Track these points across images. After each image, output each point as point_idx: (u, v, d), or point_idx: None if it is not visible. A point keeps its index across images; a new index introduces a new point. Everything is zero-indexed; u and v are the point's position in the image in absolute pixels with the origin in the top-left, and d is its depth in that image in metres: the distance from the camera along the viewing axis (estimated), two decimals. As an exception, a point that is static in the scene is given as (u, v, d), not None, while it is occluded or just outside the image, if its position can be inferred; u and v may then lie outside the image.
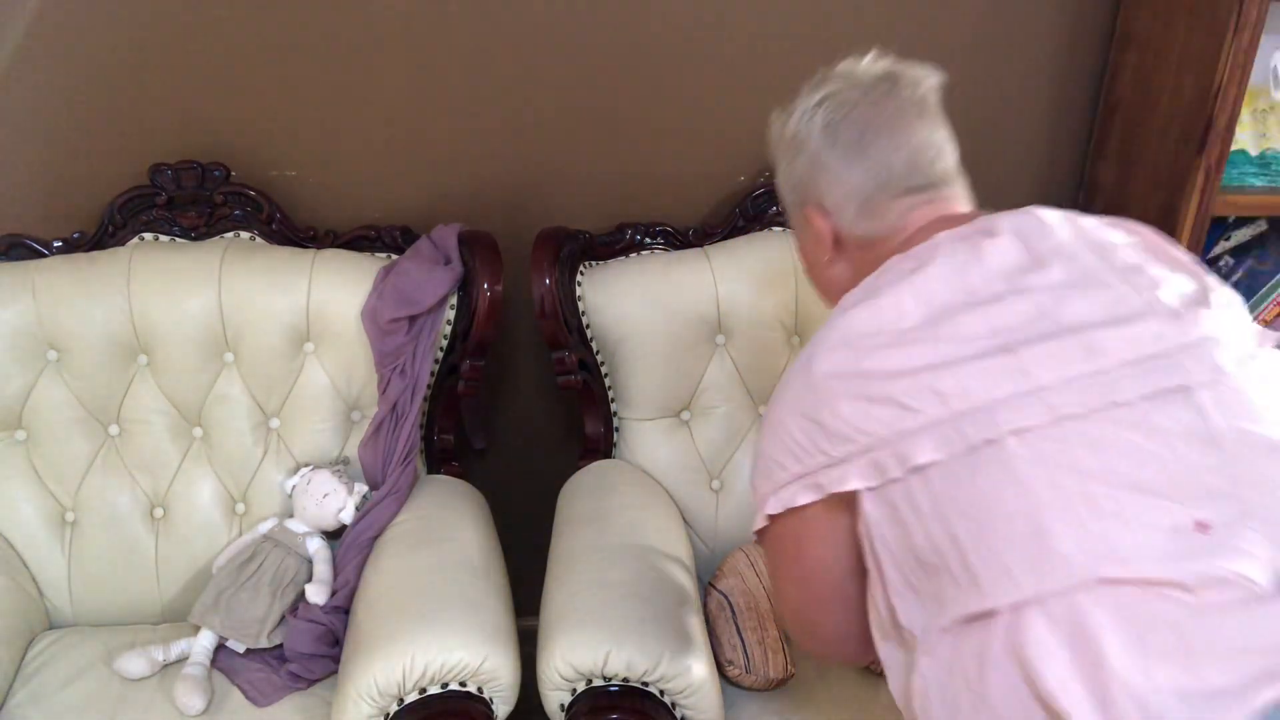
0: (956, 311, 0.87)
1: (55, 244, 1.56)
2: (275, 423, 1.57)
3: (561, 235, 1.58)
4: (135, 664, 1.39)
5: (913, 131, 1.00)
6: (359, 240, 1.62)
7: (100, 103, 1.57)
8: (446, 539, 1.41)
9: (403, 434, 1.53)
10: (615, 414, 1.67)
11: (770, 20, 1.66)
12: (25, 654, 1.44)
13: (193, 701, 1.33)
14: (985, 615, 0.79)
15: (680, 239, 1.69)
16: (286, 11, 1.56)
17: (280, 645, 1.42)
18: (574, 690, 1.23)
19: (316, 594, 1.42)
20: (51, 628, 1.52)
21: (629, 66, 1.66)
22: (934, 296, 0.88)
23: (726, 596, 1.44)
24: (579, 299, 1.59)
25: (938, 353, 0.85)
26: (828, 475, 0.89)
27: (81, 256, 1.53)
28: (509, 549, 1.52)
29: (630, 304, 1.58)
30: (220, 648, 1.44)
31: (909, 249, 0.95)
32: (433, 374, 1.58)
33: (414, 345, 1.53)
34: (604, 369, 1.64)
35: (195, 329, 1.50)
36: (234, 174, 1.61)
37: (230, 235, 1.60)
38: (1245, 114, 1.65)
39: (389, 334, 1.50)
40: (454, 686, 1.21)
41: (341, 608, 1.42)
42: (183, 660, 1.42)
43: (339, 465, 1.56)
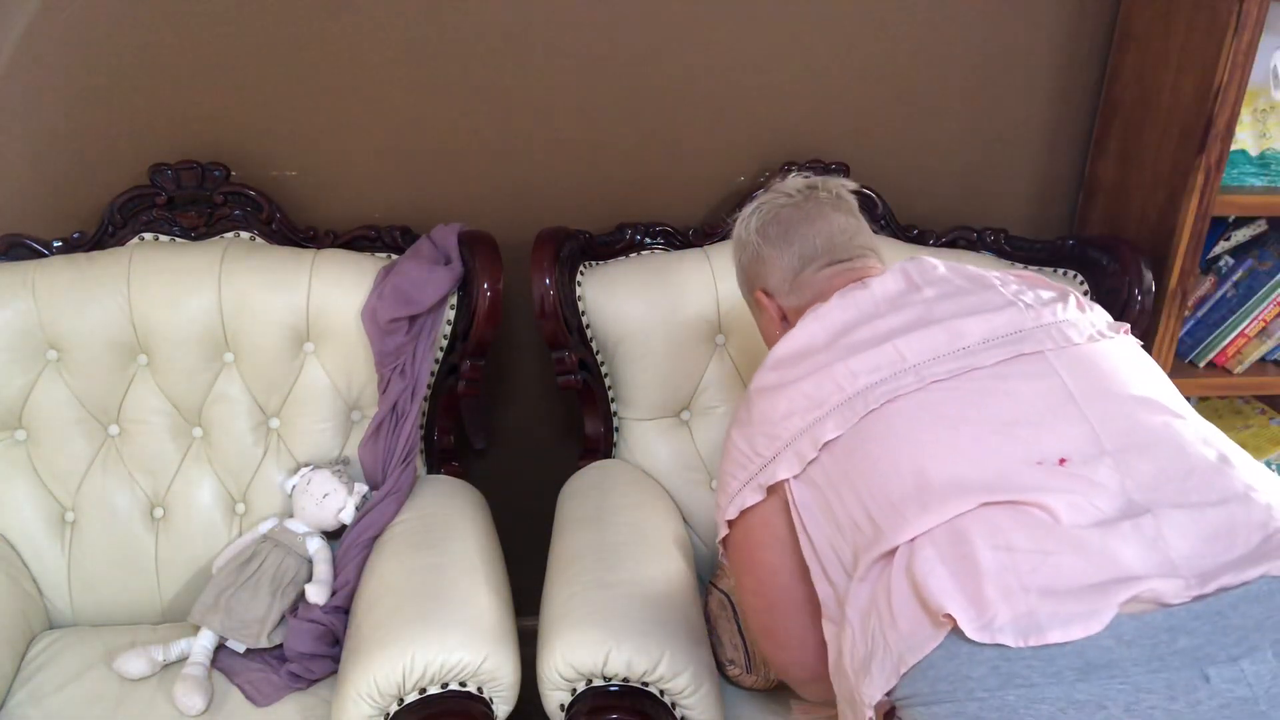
0: (851, 328, 1.07)
1: (55, 244, 1.56)
2: (275, 423, 1.57)
3: (561, 235, 1.58)
4: (135, 664, 1.39)
5: (828, 220, 1.22)
6: (359, 240, 1.62)
7: (100, 103, 1.57)
8: (446, 539, 1.41)
9: (403, 434, 1.53)
10: (615, 414, 1.67)
11: (770, 22, 1.66)
12: (25, 654, 1.44)
13: (193, 701, 1.33)
14: (888, 555, 0.91)
15: (680, 239, 1.69)
16: (286, 12, 1.56)
17: (280, 645, 1.42)
18: (574, 690, 1.23)
19: (316, 594, 1.43)
20: (51, 628, 1.52)
21: (629, 67, 1.66)
22: (834, 322, 1.09)
23: (728, 596, 1.44)
24: (579, 299, 1.59)
25: (835, 355, 1.05)
26: (765, 474, 1.05)
27: (81, 256, 1.53)
28: (509, 549, 1.52)
29: (630, 304, 1.58)
30: (220, 648, 1.44)
31: (823, 302, 1.14)
32: (433, 374, 1.58)
33: (414, 345, 1.53)
34: (604, 369, 1.64)
35: (195, 329, 1.50)
36: (234, 174, 1.61)
37: (230, 235, 1.60)
38: (1245, 114, 1.65)
39: (389, 334, 1.50)
40: (454, 686, 1.21)
41: (341, 608, 1.42)
42: (183, 660, 1.42)
43: (339, 465, 1.56)
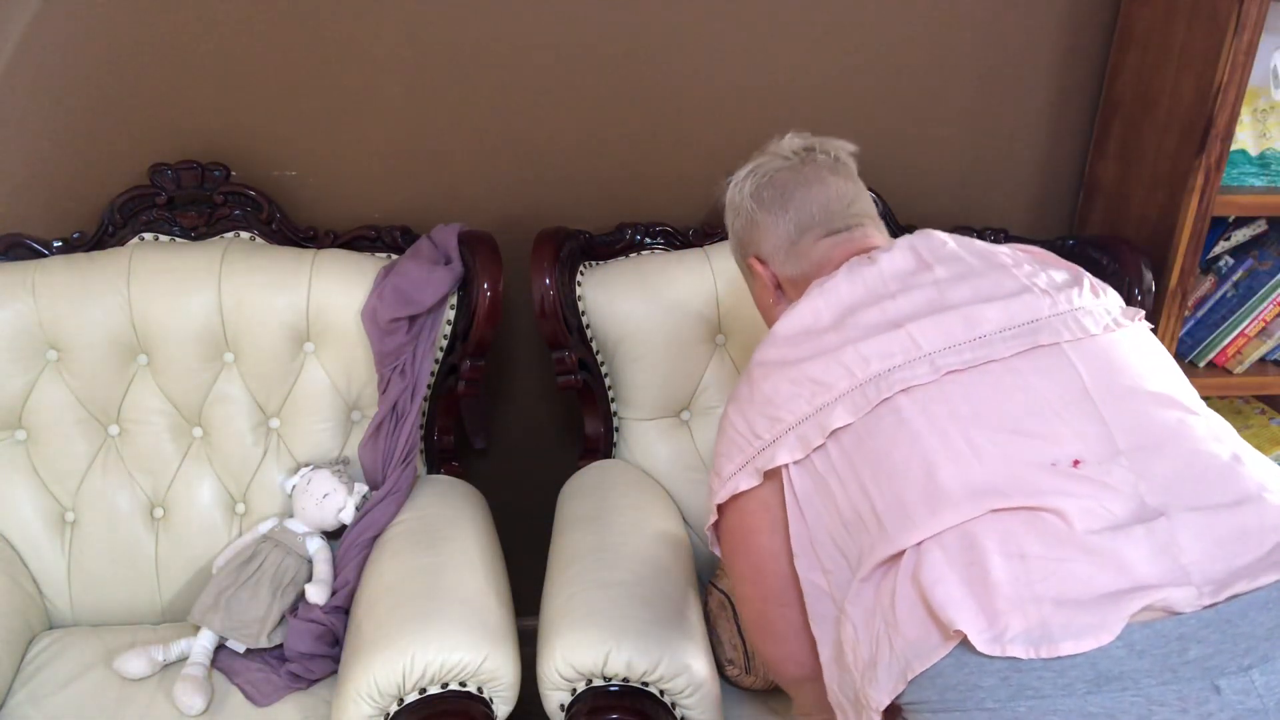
0: (859, 308, 1.03)
1: (55, 244, 1.56)
2: (275, 423, 1.57)
3: (561, 235, 1.58)
4: (135, 664, 1.39)
5: (826, 185, 1.17)
6: (359, 240, 1.62)
7: (100, 103, 1.57)
8: (446, 539, 1.41)
9: (403, 434, 1.53)
10: (615, 414, 1.67)
11: (770, 22, 1.66)
12: (25, 654, 1.44)
13: (193, 701, 1.33)
14: (895, 558, 0.89)
15: (680, 239, 1.69)
16: (287, 12, 1.56)
17: (280, 645, 1.42)
18: (574, 690, 1.23)
19: (316, 594, 1.43)
20: (51, 628, 1.52)
21: (629, 67, 1.66)
22: (840, 300, 1.04)
23: (728, 596, 1.44)
24: (579, 299, 1.59)
25: (844, 337, 1.00)
26: (763, 457, 1.01)
27: (81, 256, 1.53)
28: (509, 549, 1.52)
29: (630, 304, 1.58)
30: (220, 648, 1.44)
31: (826, 276, 1.10)
32: (433, 374, 1.58)
33: (414, 345, 1.53)
34: (604, 369, 1.64)
35: (195, 329, 1.50)
36: (234, 174, 1.61)
37: (230, 235, 1.60)
38: (1245, 114, 1.65)
39: (389, 334, 1.50)
40: (454, 686, 1.21)
41: (341, 608, 1.42)
42: (183, 660, 1.42)
43: (339, 465, 1.56)
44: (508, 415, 1.90)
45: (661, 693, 1.23)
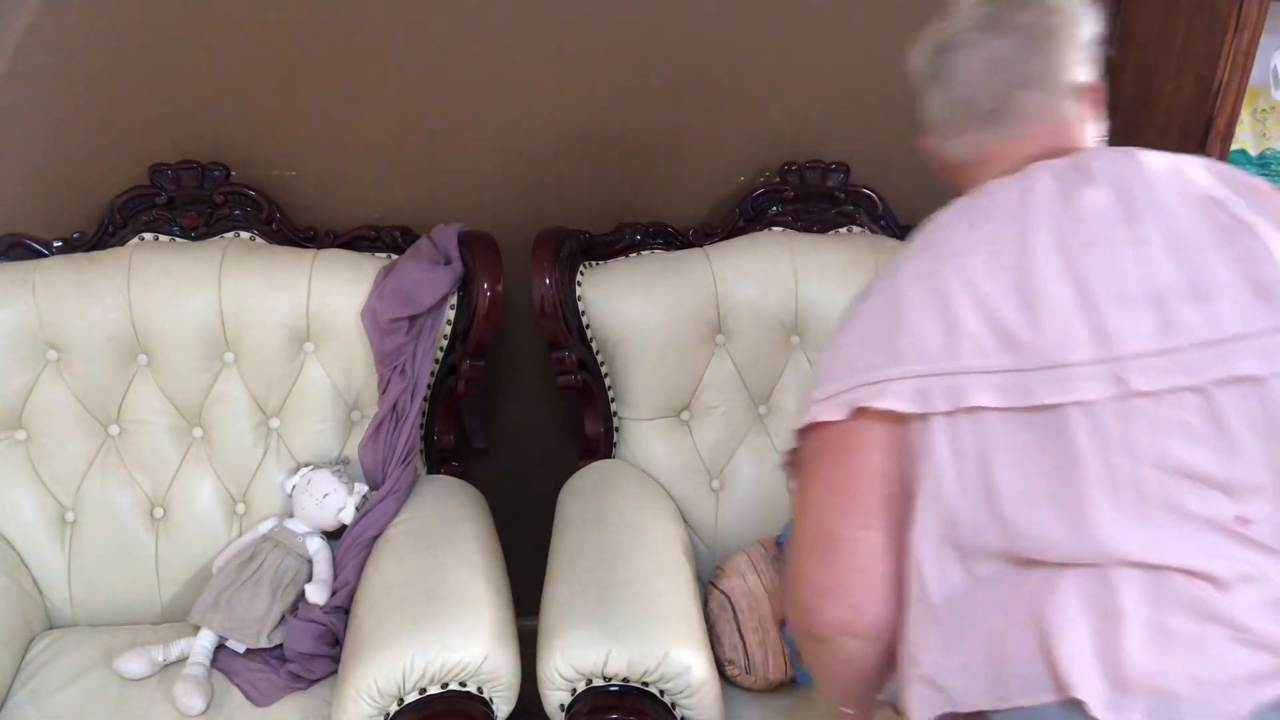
0: (1032, 254, 0.84)
1: (55, 244, 1.56)
2: (275, 423, 1.57)
3: (561, 235, 1.58)
4: (135, 664, 1.39)
5: (1012, 62, 0.96)
6: (359, 240, 1.62)
7: (100, 103, 1.57)
8: (446, 539, 1.41)
9: (403, 434, 1.53)
10: (615, 414, 1.67)
11: (770, 21, 1.66)
12: (25, 654, 1.44)
13: (193, 701, 1.33)
14: (1019, 564, 0.80)
15: (680, 239, 1.69)
16: (287, 12, 1.56)
17: (280, 645, 1.42)
18: (574, 690, 1.23)
19: (316, 594, 1.42)
20: (51, 627, 1.52)
21: (629, 67, 1.66)
22: (1009, 237, 0.86)
23: (728, 596, 1.44)
24: (579, 299, 1.59)
25: (1019, 295, 0.83)
26: (872, 391, 0.86)
27: (81, 256, 1.53)
28: (509, 549, 1.52)
29: (630, 304, 1.58)
30: (220, 648, 1.44)
31: (1007, 176, 0.93)
32: (433, 374, 1.58)
33: (414, 345, 1.53)
34: (604, 369, 1.64)
35: (195, 329, 1.50)
36: (234, 174, 1.61)
37: (230, 235, 1.60)
38: (1245, 114, 1.65)
39: (389, 334, 1.50)
40: (454, 686, 1.21)
41: (341, 608, 1.42)
42: (183, 660, 1.42)
43: (339, 465, 1.56)
44: (508, 415, 1.90)
45: (661, 693, 1.23)
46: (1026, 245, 0.85)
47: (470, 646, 1.20)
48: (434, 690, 1.20)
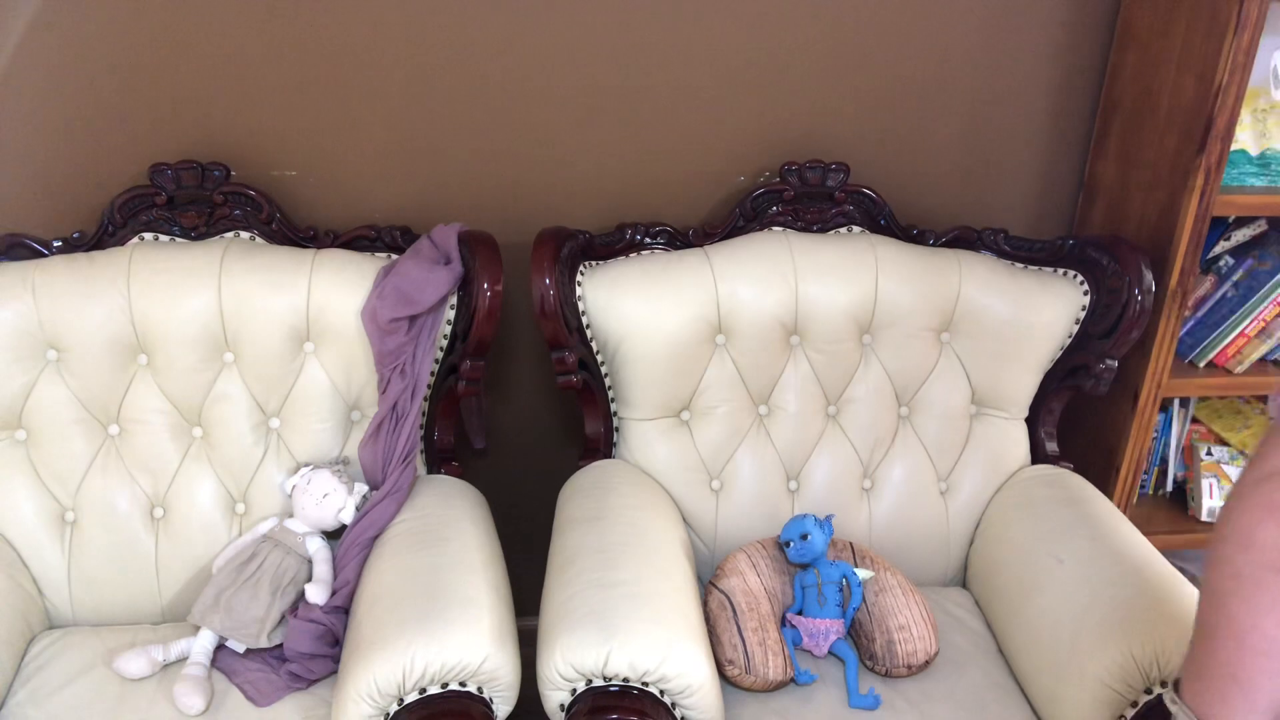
0: None
1: (55, 244, 1.56)
2: (275, 423, 1.57)
3: (561, 235, 1.58)
4: (135, 664, 1.39)
5: None
6: (359, 240, 1.62)
7: (100, 103, 1.57)
8: (446, 539, 1.41)
9: (403, 434, 1.53)
10: (615, 414, 1.67)
11: (771, 23, 1.66)
12: (25, 654, 1.44)
13: (193, 701, 1.33)
14: None
15: (680, 239, 1.69)
16: (287, 12, 1.56)
17: (280, 645, 1.42)
18: (574, 690, 1.23)
19: (316, 594, 1.43)
20: (51, 628, 1.52)
21: (629, 67, 1.66)
22: None
23: (728, 596, 1.44)
24: (579, 299, 1.59)
25: None
26: None
27: (81, 256, 1.53)
28: (509, 549, 1.52)
29: (630, 304, 1.58)
30: (220, 648, 1.44)
31: None
32: (433, 374, 1.58)
33: (414, 345, 1.53)
34: (604, 369, 1.64)
35: (195, 329, 1.50)
36: (234, 174, 1.61)
37: (230, 235, 1.60)
38: (1245, 114, 1.65)
39: (389, 334, 1.50)
40: (454, 686, 1.21)
41: (341, 608, 1.42)
42: (183, 660, 1.42)
43: (339, 465, 1.56)
44: (508, 415, 1.91)
45: (661, 693, 1.23)
46: None
47: (470, 646, 1.20)
48: (434, 690, 1.21)
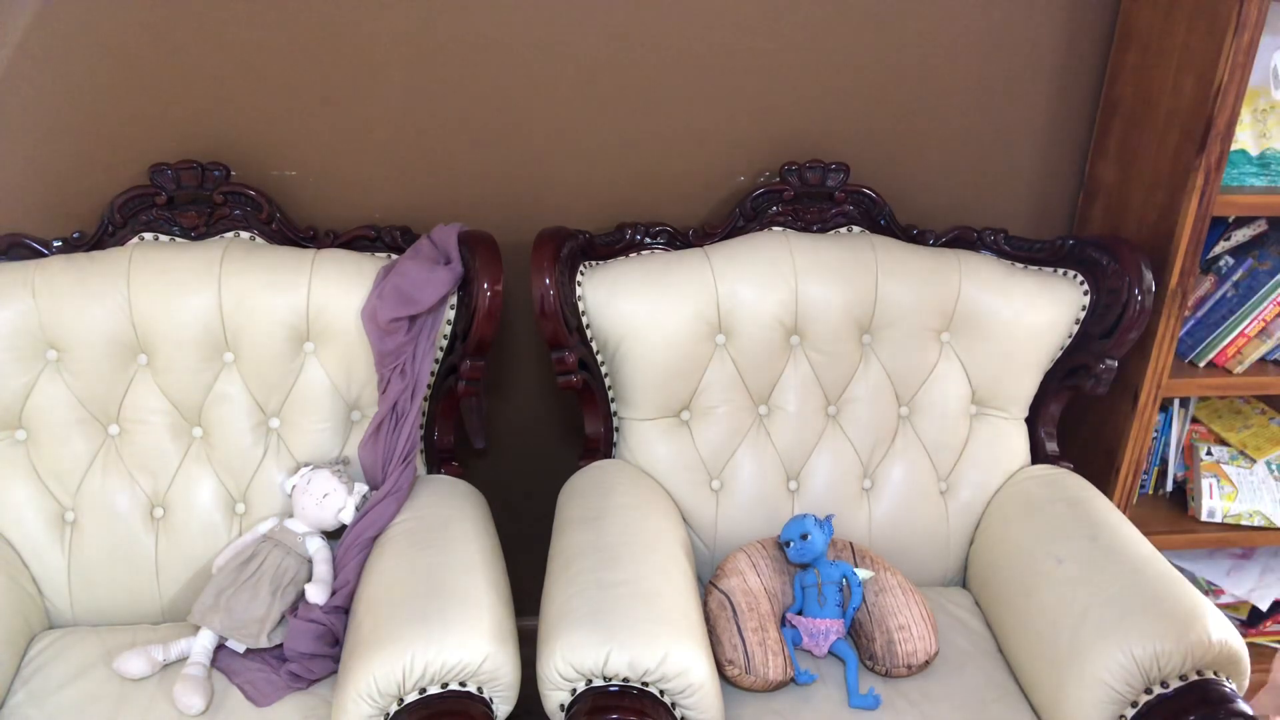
0: None
1: (55, 244, 1.56)
2: (275, 423, 1.57)
3: (561, 235, 1.58)
4: (135, 664, 1.39)
5: None
6: (359, 240, 1.62)
7: (100, 103, 1.57)
8: (446, 539, 1.41)
9: (403, 434, 1.53)
10: (615, 414, 1.67)
11: (771, 23, 1.66)
12: (25, 654, 1.44)
13: (193, 701, 1.33)
14: None
15: (680, 239, 1.69)
16: (287, 12, 1.56)
17: (280, 645, 1.42)
18: (574, 690, 1.23)
19: (316, 594, 1.43)
20: (51, 627, 1.52)
21: (629, 67, 1.66)
22: None
23: (728, 596, 1.44)
24: (579, 299, 1.59)
25: None
26: None
27: (81, 256, 1.53)
28: (509, 549, 1.52)
29: (630, 304, 1.58)
30: (220, 648, 1.44)
31: None
32: (433, 374, 1.58)
33: (414, 345, 1.53)
34: (604, 369, 1.64)
35: (195, 329, 1.50)
36: (234, 174, 1.61)
37: (230, 235, 1.60)
38: (1245, 114, 1.65)
39: (389, 334, 1.50)
40: (454, 686, 1.21)
41: (341, 608, 1.43)
42: (183, 660, 1.42)
43: (339, 465, 1.56)
44: (508, 415, 1.91)
45: (661, 693, 1.23)
46: None
47: (470, 646, 1.20)
48: (434, 690, 1.21)
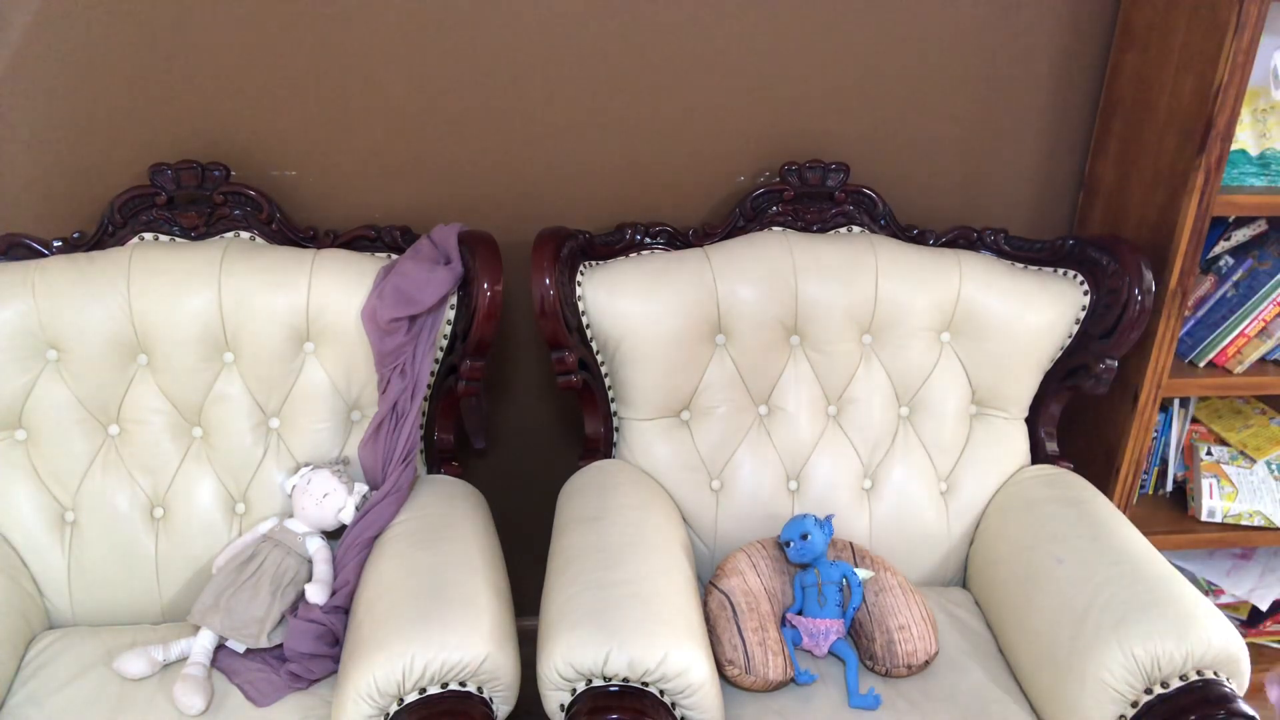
0: None
1: (55, 244, 1.56)
2: (275, 422, 1.57)
3: (561, 235, 1.58)
4: (135, 664, 1.39)
5: None
6: (359, 240, 1.62)
7: (100, 103, 1.57)
8: (446, 539, 1.41)
9: (403, 434, 1.53)
10: (615, 414, 1.67)
11: (770, 22, 1.66)
12: (25, 654, 1.44)
13: (193, 701, 1.33)
14: None
15: (680, 239, 1.69)
16: (287, 12, 1.56)
17: (280, 645, 1.42)
18: (574, 690, 1.23)
19: (316, 594, 1.43)
20: (51, 628, 1.52)
21: (629, 67, 1.67)
22: None
23: (728, 596, 1.44)
24: (579, 299, 1.59)
25: None
26: None
27: (81, 256, 1.53)
28: (509, 549, 1.52)
29: (630, 304, 1.58)
30: (220, 648, 1.44)
31: None
32: (433, 374, 1.58)
33: (414, 345, 1.53)
34: (604, 369, 1.64)
35: (195, 329, 1.50)
36: (234, 174, 1.61)
37: (230, 235, 1.60)
38: (1245, 114, 1.65)
39: (389, 334, 1.50)
40: (454, 686, 1.21)
41: (341, 607, 1.42)
42: (183, 660, 1.42)
43: (339, 465, 1.56)
44: (508, 415, 1.91)
45: (661, 693, 1.23)
46: None
47: (470, 646, 1.20)
48: (434, 690, 1.21)
